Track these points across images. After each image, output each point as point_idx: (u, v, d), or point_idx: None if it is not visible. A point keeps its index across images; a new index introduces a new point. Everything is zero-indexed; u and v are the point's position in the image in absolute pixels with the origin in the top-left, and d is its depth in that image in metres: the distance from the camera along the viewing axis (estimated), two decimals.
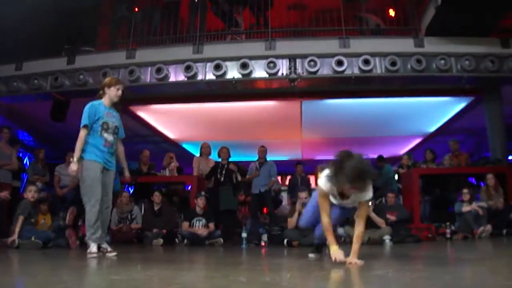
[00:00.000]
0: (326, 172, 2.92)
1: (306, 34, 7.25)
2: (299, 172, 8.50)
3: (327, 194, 3.01)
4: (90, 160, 3.86)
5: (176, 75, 6.93)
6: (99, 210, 3.84)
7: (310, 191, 8.17)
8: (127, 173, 4.36)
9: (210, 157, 7.41)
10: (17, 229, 4.85)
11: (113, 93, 4.06)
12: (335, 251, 2.93)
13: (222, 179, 6.68)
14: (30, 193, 5.15)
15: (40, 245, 4.73)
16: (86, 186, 3.85)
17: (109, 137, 4.00)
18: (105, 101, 4.07)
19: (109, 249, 3.91)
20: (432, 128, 9.87)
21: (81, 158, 3.87)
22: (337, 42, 6.83)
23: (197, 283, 2.39)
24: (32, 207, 5.14)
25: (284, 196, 8.90)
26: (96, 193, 3.83)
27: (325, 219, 3.00)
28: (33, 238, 4.76)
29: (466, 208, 5.86)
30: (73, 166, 3.83)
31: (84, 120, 3.90)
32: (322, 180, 2.96)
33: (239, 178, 6.82)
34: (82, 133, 3.89)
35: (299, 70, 6.70)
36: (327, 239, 3.01)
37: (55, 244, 5.02)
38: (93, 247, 3.79)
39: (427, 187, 7.04)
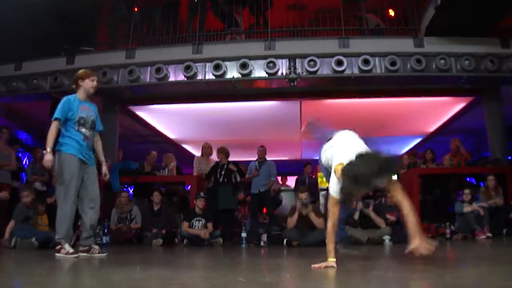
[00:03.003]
0: (335, 180, 2.67)
1: (306, 34, 7.24)
2: (308, 172, 8.48)
3: (338, 201, 2.75)
4: (68, 153, 3.71)
5: (176, 75, 6.93)
6: (74, 208, 3.69)
7: (318, 193, 8.21)
8: (104, 168, 4.10)
9: (211, 157, 7.41)
10: (8, 230, 4.93)
11: (88, 85, 3.94)
12: (330, 263, 2.67)
13: (221, 179, 6.67)
14: (28, 198, 5.17)
15: (35, 245, 4.70)
16: (63, 181, 3.68)
17: (86, 132, 3.86)
18: (80, 94, 3.94)
19: (98, 249, 3.82)
20: (432, 128, 9.87)
21: (58, 152, 3.71)
22: (336, 42, 6.82)
23: (197, 283, 2.39)
24: (29, 209, 5.15)
25: (284, 196, 8.88)
26: (73, 189, 3.67)
27: (331, 223, 2.76)
28: (33, 239, 4.74)
29: (467, 208, 5.85)
30: (48, 157, 3.63)
31: (57, 113, 3.77)
32: (335, 189, 2.71)
33: (238, 178, 6.81)
34: (53, 125, 3.75)
35: (299, 70, 6.70)
36: (327, 247, 2.75)
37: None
38: (68, 248, 3.61)
39: (427, 187, 7.03)
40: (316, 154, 11.99)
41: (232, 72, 6.77)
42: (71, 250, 3.62)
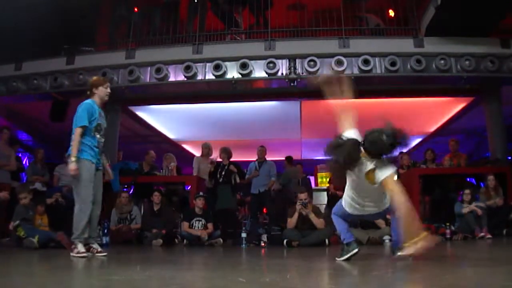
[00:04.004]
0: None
1: (306, 34, 7.24)
2: (300, 172, 8.47)
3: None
4: (86, 159, 3.83)
5: (176, 75, 6.93)
6: (90, 210, 3.81)
7: (310, 191, 8.19)
8: (109, 169, 4.29)
9: (211, 157, 7.40)
10: (12, 228, 4.99)
11: (103, 92, 4.03)
12: (428, 238, 2.69)
13: (221, 179, 6.66)
14: (26, 200, 5.20)
15: (36, 245, 4.68)
16: (82, 186, 3.79)
17: (100, 139, 3.99)
18: (97, 101, 4.03)
19: (99, 249, 3.89)
20: (432, 128, 9.86)
21: (77, 158, 3.83)
22: (336, 42, 6.83)
23: (197, 283, 2.39)
24: (28, 210, 5.16)
25: None
26: (90, 193, 3.80)
27: (406, 201, 2.75)
28: (36, 238, 4.72)
29: (465, 209, 5.86)
30: (73, 166, 3.75)
31: (83, 120, 3.83)
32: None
33: (238, 180, 6.81)
34: (78, 132, 3.81)
35: (299, 70, 6.70)
36: (411, 227, 2.75)
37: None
38: (81, 248, 3.72)
39: (427, 187, 7.02)
40: (316, 154, 11.99)
41: (232, 72, 6.77)
42: (82, 250, 3.71)
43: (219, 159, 6.94)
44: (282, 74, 6.73)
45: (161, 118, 9.38)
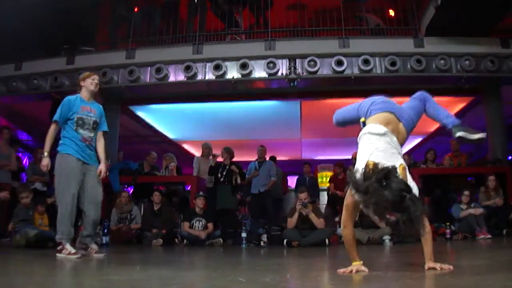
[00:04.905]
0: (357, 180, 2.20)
1: (306, 34, 7.24)
2: (307, 172, 8.49)
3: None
4: (66, 153, 3.73)
5: (176, 75, 6.94)
6: (73, 207, 3.67)
7: (317, 192, 8.20)
8: (102, 166, 3.91)
9: (211, 157, 7.40)
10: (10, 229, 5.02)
11: (88, 83, 3.97)
12: (359, 267, 2.45)
13: (222, 179, 6.66)
14: (27, 199, 5.20)
15: (31, 234, 4.65)
16: (60, 181, 3.69)
17: (85, 133, 3.84)
18: (83, 94, 3.97)
19: (97, 249, 3.83)
20: (432, 128, 9.86)
21: (58, 152, 3.76)
22: (336, 42, 6.84)
23: (197, 283, 2.39)
24: (27, 210, 5.17)
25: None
26: (71, 188, 3.66)
27: (348, 230, 2.48)
28: (33, 232, 4.71)
29: (463, 213, 5.87)
30: (44, 161, 3.72)
31: (56, 115, 3.81)
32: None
33: (239, 180, 6.80)
34: (52, 127, 3.80)
35: (299, 70, 6.70)
36: (348, 251, 2.52)
37: None
38: (69, 248, 3.58)
39: (427, 187, 7.02)
40: (316, 154, 11.99)
41: (232, 72, 6.77)
42: (73, 250, 3.60)
43: (220, 159, 6.95)
44: (282, 74, 6.73)
45: (161, 118, 9.39)
